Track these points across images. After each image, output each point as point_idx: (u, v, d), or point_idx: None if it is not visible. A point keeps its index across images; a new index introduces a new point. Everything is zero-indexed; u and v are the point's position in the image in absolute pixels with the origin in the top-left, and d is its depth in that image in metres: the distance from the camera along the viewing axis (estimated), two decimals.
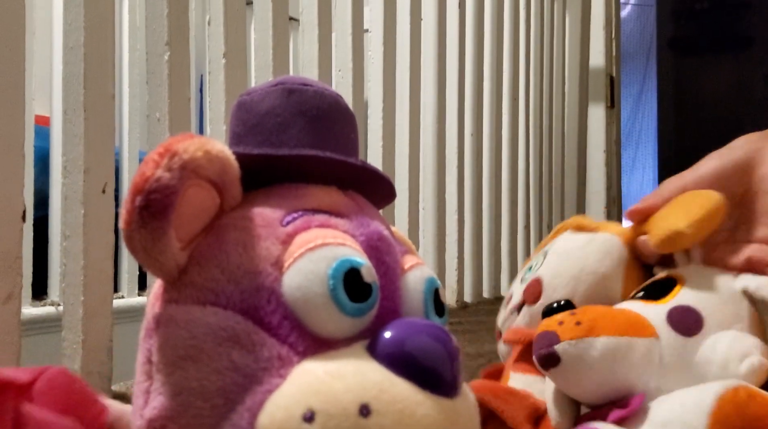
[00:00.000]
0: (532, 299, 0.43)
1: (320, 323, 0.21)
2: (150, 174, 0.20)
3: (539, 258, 0.45)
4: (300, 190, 0.23)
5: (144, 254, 0.21)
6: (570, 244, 0.44)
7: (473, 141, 1.24)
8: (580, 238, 0.44)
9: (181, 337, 0.20)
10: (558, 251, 0.44)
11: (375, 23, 1.05)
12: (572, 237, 0.44)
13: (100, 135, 0.63)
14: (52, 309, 1.10)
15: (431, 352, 0.21)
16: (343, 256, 0.21)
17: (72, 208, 0.62)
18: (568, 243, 0.44)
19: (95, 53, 0.63)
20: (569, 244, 0.44)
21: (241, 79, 0.79)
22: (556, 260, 0.43)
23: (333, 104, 0.25)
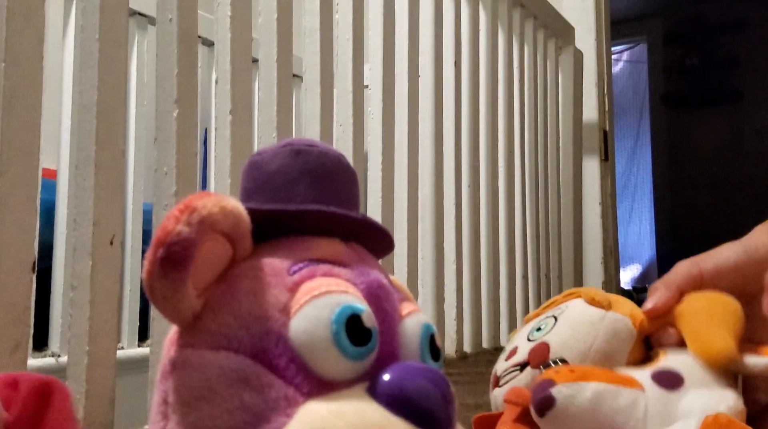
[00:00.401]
0: (537, 362, 0.44)
1: (324, 365, 0.22)
2: (171, 228, 0.22)
3: (548, 321, 0.46)
4: (306, 242, 0.25)
5: (164, 302, 0.22)
6: (583, 317, 0.44)
7: (470, 193, 1.26)
8: (594, 314, 0.44)
9: (196, 379, 0.22)
10: (569, 322, 0.45)
11: (375, 80, 1.09)
12: (585, 309, 0.45)
13: (110, 189, 0.65)
14: (52, 360, 1.11)
15: (427, 394, 0.22)
16: (345, 303, 0.23)
17: (80, 259, 0.63)
18: (581, 316, 0.45)
19: (108, 111, 0.66)
20: (582, 317, 0.44)
21: (246, 135, 0.82)
22: (566, 331, 0.44)
23: (336, 163, 0.27)
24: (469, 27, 1.29)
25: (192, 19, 0.75)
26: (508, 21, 1.40)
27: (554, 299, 0.49)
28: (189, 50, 0.74)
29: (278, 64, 0.87)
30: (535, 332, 0.46)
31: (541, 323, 0.47)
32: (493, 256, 1.32)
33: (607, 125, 1.69)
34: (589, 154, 1.67)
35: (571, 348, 0.43)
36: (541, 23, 1.52)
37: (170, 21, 0.73)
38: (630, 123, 4.05)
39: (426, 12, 1.18)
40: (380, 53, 1.08)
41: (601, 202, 1.65)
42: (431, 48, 1.19)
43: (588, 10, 1.73)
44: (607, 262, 1.69)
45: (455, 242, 1.21)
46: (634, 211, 4.08)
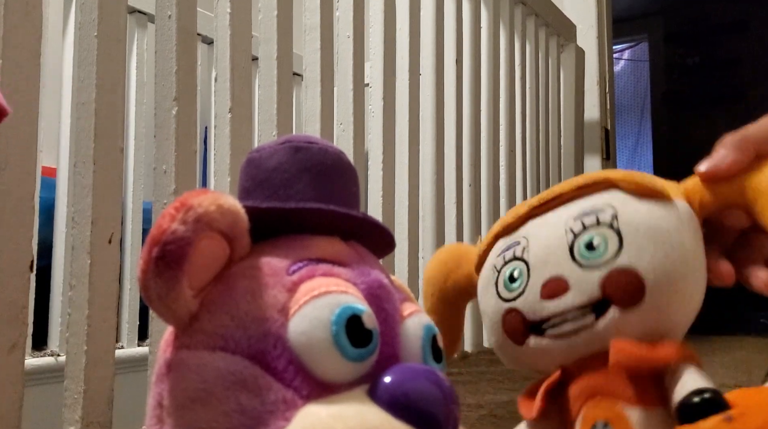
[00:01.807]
0: (630, 300, 0.30)
1: (323, 367, 0.22)
2: (166, 226, 0.21)
3: (604, 233, 0.31)
4: (305, 241, 0.25)
5: (158, 302, 0.22)
6: (652, 219, 0.32)
7: (471, 191, 1.26)
8: (661, 211, 0.32)
9: (192, 381, 0.21)
10: (641, 230, 0.31)
11: (375, 78, 1.08)
12: (646, 207, 0.32)
13: (108, 187, 0.65)
14: (51, 359, 1.10)
15: (429, 396, 0.22)
16: (346, 304, 0.22)
17: (79, 257, 0.63)
18: (648, 217, 0.32)
19: (106, 109, 0.65)
20: (651, 219, 0.32)
21: (246, 133, 0.81)
22: (647, 245, 0.31)
23: (336, 160, 0.26)
24: (470, 25, 1.28)
25: (191, 17, 0.75)
26: (509, 19, 1.39)
27: (560, 190, 0.34)
28: (188, 48, 0.74)
29: (278, 62, 0.87)
30: (585, 251, 0.31)
31: (586, 236, 0.32)
32: None
33: (609, 124, 1.68)
34: (590, 152, 1.66)
35: (668, 273, 0.31)
36: (542, 21, 1.52)
37: (169, 18, 0.73)
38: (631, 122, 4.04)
39: (427, 9, 1.17)
40: (381, 51, 1.08)
41: None
42: (432, 46, 1.18)
43: (590, 8, 1.72)
44: None
45: (456, 241, 1.20)
46: None
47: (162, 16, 0.73)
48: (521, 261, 0.33)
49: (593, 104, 1.65)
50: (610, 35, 1.74)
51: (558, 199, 0.34)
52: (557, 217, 0.33)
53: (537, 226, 0.34)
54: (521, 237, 0.34)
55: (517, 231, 0.35)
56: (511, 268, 0.33)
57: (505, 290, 0.33)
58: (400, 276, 1.07)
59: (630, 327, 0.31)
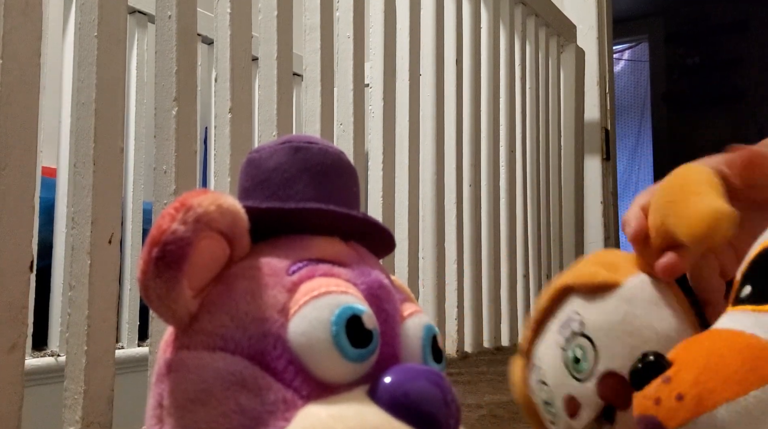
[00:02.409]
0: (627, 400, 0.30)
1: (323, 368, 0.22)
2: (166, 227, 0.21)
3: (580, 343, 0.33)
4: (305, 241, 0.25)
5: (158, 302, 0.22)
6: (609, 316, 0.33)
7: (471, 191, 1.26)
8: (612, 304, 0.33)
9: (192, 381, 0.21)
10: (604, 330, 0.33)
11: (375, 78, 1.08)
12: (598, 305, 0.34)
13: (108, 187, 0.65)
14: (52, 360, 1.10)
15: (429, 396, 0.22)
16: (346, 304, 0.22)
17: (79, 258, 0.63)
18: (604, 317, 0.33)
19: (106, 109, 0.65)
20: (607, 317, 0.33)
21: (246, 133, 0.81)
22: (616, 345, 0.32)
23: (336, 160, 0.26)
24: (470, 25, 1.28)
25: (191, 17, 0.75)
26: (509, 19, 1.39)
27: (541, 308, 0.37)
28: (188, 48, 0.74)
29: (278, 63, 0.87)
30: (575, 364, 0.34)
31: (570, 351, 0.34)
32: (494, 256, 1.31)
33: (609, 124, 1.68)
34: (590, 152, 1.66)
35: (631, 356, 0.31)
36: (542, 21, 1.52)
37: (169, 18, 0.73)
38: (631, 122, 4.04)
39: (427, 10, 1.17)
40: (381, 51, 1.08)
41: (602, 200, 1.65)
42: (432, 46, 1.18)
43: (590, 8, 1.72)
44: None
45: (456, 242, 1.20)
46: None
47: (162, 17, 0.73)
48: (545, 384, 0.36)
49: (593, 104, 1.65)
50: (610, 35, 1.74)
51: (542, 312, 0.37)
52: (549, 334, 0.36)
53: (542, 348, 0.37)
54: (536, 358, 0.37)
55: (532, 354, 0.37)
56: (541, 393, 0.36)
57: (547, 413, 0.36)
58: (400, 276, 1.07)
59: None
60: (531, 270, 1.44)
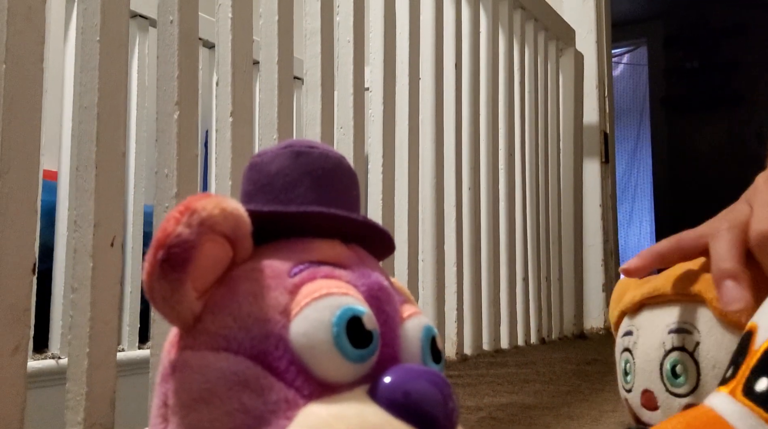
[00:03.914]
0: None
1: (324, 368, 0.22)
2: (171, 230, 0.22)
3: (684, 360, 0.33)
4: (306, 243, 0.25)
5: (163, 303, 0.22)
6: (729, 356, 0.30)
7: (471, 195, 1.26)
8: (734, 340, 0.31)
9: (196, 381, 0.22)
10: (717, 368, 0.32)
11: (375, 83, 1.09)
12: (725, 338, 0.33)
13: (111, 190, 0.66)
14: (53, 362, 1.10)
15: (429, 396, 0.22)
16: (346, 305, 0.23)
17: (81, 260, 0.63)
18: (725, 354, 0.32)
19: (108, 113, 0.66)
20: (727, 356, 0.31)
21: (247, 137, 0.82)
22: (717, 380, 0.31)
23: (337, 164, 0.27)
24: (469, 29, 1.29)
25: (193, 21, 0.75)
26: (508, 23, 1.40)
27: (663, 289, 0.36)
28: (190, 52, 0.74)
29: (279, 67, 0.87)
30: (670, 375, 0.33)
31: (672, 358, 0.33)
32: (493, 258, 1.32)
33: (608, 127, 1.69)
34: (589, 156, 1.67)
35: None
36: (541, 25, 1.52)
37: (171, 23, 0.73)
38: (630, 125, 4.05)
39: (426, 14, 1.18)
40: (381, 55, 1.08)
41: (601, 203, 1.66)
42: (432, 50, 1.19)
43: (589, 12, 1.73)
44: (607, 264, 1.69)
45: (456, 244, 1.21)
46: (634, 212, 4.08)
47: (164, 21, 0.74)
48: (631, 355, 0.37)
49: (592, 108, 1.66)
50: (609, 39, 1.75)
51: (662, 296, 0.36)
52: (659, 320, 0.36)
53: (647, 320, 0.37)
54: (634, 327, 0.37)
55: (634, 316, 0.38)
56: (624, 360, 0.37)
57: (622, 379, 0.37)
58: (400, 278, 1.07)
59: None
60: (530, 273, 1.45)
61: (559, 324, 1.54)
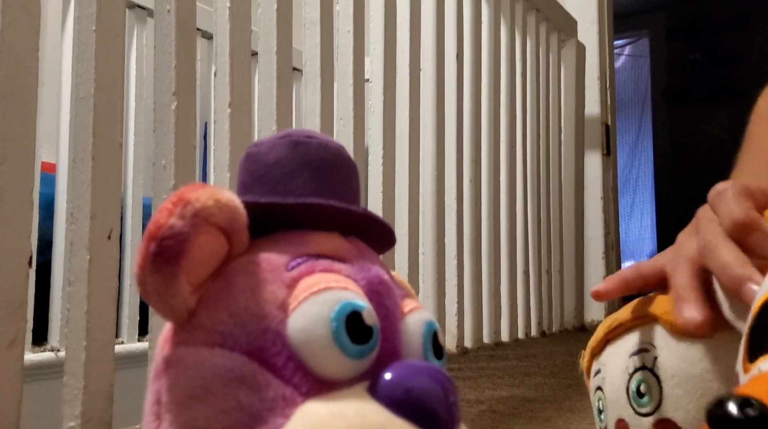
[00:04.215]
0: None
1: (323, 364, 0.22)
2: (164, 222, 0.21)
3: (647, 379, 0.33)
4: (304, 236, 0.25)
5: (156, 298, 0.22)
6: (686, 365, 0.33)
7: (472, 187, 1.26)
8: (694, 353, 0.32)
9: (190, 377, 0.21)
10: (676, 378, 0.33)
11: (376, 73, 1.08)
12: (679, 349, 0.33)
13: (107, 182, 0.65)
14: (52, 355, 1.10)
15: (430, 393, 0.21)
16: (346, 300, 0.22)
17: (77, 253, 0.63)
18: (681, 364, 0.33)
19: (104, 104, 0.65)
20: (684, 365, 0.33)
21: (245, 128, 0.81)
22: (681, 397, 0.32)
23: (336, 155, 0.26)
24: (471, 20, 1.28)
25: (190, 11, 0.74)
26: (510, 14, 1.39)
27: (620, 319, 0.37)
28: (187, 42, 0.74)
29: (278, 57, 0.87)
30: (636, 396, 0.34)
31: (635, 381, 0.34)
32: (494, 251, 1.31)
33: (609, 119, 1.68)
34: (590, 148, 1.66)
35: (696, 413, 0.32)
36: (543, 16, 1.51)
37: (168, 12, 0.73)
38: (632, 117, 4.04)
39: (428, 4, 1.17)
40: (381, 46, 1.07)
41: (602, 196, 1.65)
42: (433, 41, 1.18)
43: (591, 3, 1.72)
44: (608, 256, 1.68)
45: (456, 237, 1.20)
46: (635, 205, 4.08)
47: (161, 11, 0.73)
48: (602, 392, 0.37)
49: (594, 100, 1.65)
50: (611, 31, 1.74)
51: (621, 327, 0.37)
52: (621, 349, 0.36)
53: (611, 354, 0.37)
54: (601, 363, 0.38)
55: (600, 354, 0.38)
56: (597, 399, 0.37)
57: (597, 419, 0.37)
58: (400, 272, 1.07)
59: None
60: (531, 265, 1.44)
61: (559, 316, 1.54)
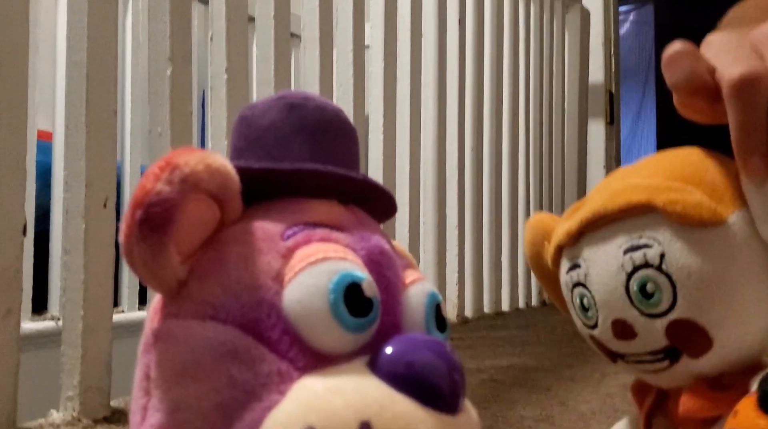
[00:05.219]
0: (699, 350, 0.30)
1: (320, 338, 0.21)
2: (150, 187, 0.20)
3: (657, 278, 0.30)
4: (301, 204, 0.23)
5: (143, 268, 0.21)
6: (704, 263, 0.29)
7: (473, 156, 1.25)
8: (710, 248, 0.29)
9: (180, 352, 0.20)
10: (693, 278, 0.29)
11: (376, 39, 1.06)
12: (692, 243, 0.29)
13: (102, 150, 0.64)
14: (52, 323, 1.10)
15: (433, 368, 0.21)
16: (344, 271, 0.21)
17: (73, 222, 0.62)
18: (698, 261, 0.29)
19: (98, 70, 0.64)
20: (702, 263, 0.29)
21: (242, 95, 0.80)
22: (703, 298, 0.29)
23: (334, 118, 0.25)
24: None
25: None
26: None
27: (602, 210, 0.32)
28: (182, 7, 0.72)
29: (275, 22, 0.85)
30: (641, 297, 0.30)
31: (638, 279, 0.30)
32: (495, 221, 1.30)
33: (613, 87, 1.65)
34: (594, 116, 1.64)
35: (735, 320, 0.29)
36: None
37: None
38: (635, 87, 3.99)
39: None
40: (381, 11, 1.05)
41: (605, 165, 1.64)
42: (434, 6, 1.15)
43: None
44: None
45: (458, 207, 1.19)
46: None
47: None
48: (586, 288, 0.33)
49: (598, 67, 1.62)
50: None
51: (603, 219, 0.32)
52: (609, 244, 0.32)
53: (592, 250, 0.33)
54: (580, 259, 0.33)
55: (574, 247, 0.33)
56: (579, 295, 0.33)
57: (581, 316, 0.33)
58: (400, 241, 1.06)
59: (709, 367, 0.31)
60: None
61: None
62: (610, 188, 0.32)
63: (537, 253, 0.37)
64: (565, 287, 0.34)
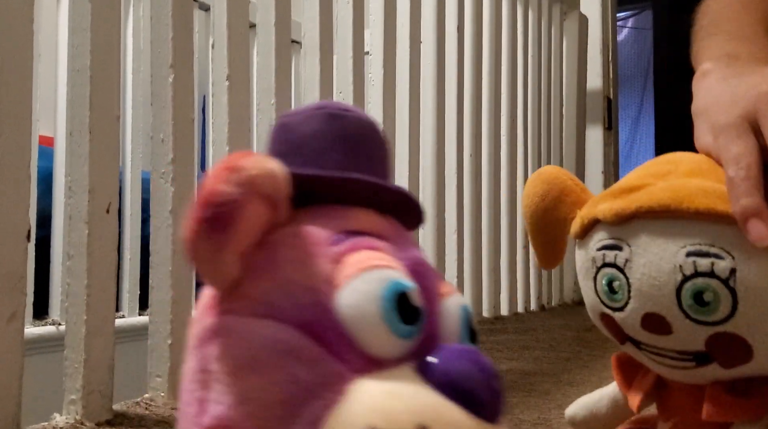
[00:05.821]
0: (736, 363, 0.30)
1: (372, 342, 0.22)
2: (217, 188, 0.21)
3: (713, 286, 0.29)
4: (344, 211, 0.24)
5: (205, 265, 0.22)
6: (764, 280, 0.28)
7: (472, 161, 1.25)
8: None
9: (241, 347, 0.21)
10: (761, 299, 0.29)
11: (375, 46, 1.06)
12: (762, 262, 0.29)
13: (105, 155, 0.64)
14: (53, 328, 1.10)
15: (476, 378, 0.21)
16: (394, 279, 0.22)
17: (76, 227, 0.62)
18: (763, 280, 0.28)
19: (101, 76, 0.64)
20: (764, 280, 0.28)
21: (243, 101, 0.80)
22: (764, 317, 0.29)
23: (371, 130, 0.26)
24: None
25: None
26: None
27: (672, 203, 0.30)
28: (184, 13, 0.72)
29: (276, 29, 0.85)
30: (693, 302, 0.29)
31: (696, 284, 0.29)
32: (494, 226, 1.31)
33: (612, 93, 1.66)
34: (592, 122, 1.65)
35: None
36: None
37: None
38: (634, 92, 4.01)
39: None
40: (381, 18, 1.06)
41: (603, 170, 1.65)
42: (433, 13, 1.16)
43: None
44: None
45: (456, 212, 1.20)
46: None
47: None
48: (622, 273, 0.31)
49: (596, 73, 1.64)
50: (614, 2, 1.72)
51: (669, 212, 0.30)
52: (668, 240, 0.30)
53: (644, 239, 0.31)
54: (624, 242, 0.32)
55: (620, 228, 0.32)
56: (610, 276, 0.32)
57: (604, 296, 0.32)
58: None
59: (733, 376, 0.31)
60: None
61: (559, 291, 1.54)
62: (678, 183, 0.31)
63: (545, 208, 0.36)
64: (590, 262, 0.33)
